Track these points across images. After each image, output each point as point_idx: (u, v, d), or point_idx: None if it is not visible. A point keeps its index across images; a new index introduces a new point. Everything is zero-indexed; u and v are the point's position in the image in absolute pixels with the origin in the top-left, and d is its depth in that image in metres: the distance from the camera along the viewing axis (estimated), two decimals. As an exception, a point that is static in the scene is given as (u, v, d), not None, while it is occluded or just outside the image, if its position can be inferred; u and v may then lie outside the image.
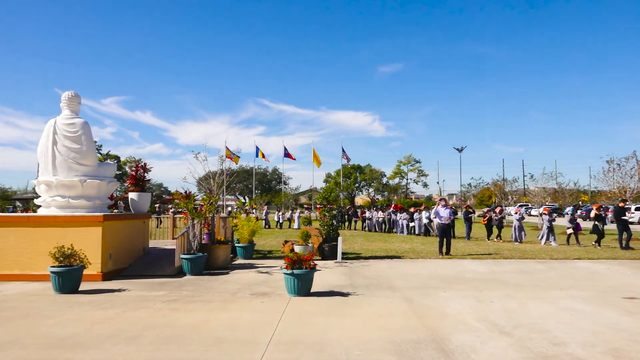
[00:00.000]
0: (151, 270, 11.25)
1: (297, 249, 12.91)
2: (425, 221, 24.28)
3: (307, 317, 6.83)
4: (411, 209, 26.93)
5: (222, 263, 12.19)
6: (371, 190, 78.54)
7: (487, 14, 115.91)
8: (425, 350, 5.22)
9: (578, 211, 24.10)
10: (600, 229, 17.00)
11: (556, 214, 25.36)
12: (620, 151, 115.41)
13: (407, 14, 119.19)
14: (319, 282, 9.45)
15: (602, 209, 17.72)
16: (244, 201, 68.72)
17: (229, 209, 36.87)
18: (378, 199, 73.38)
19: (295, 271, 8.26)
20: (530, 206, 43.15)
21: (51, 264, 8.92)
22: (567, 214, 19.20)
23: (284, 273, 8.42)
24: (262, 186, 79.04)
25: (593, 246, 16.92)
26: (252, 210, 36.62)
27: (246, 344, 5.49)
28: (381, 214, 28.64)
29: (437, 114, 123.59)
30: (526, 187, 44.23)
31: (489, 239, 20.38)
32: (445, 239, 14.52)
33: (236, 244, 14.47)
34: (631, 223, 21.29)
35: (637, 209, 34.92)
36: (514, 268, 11.85)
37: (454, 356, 5.05)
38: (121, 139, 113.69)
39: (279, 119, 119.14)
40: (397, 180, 77.01)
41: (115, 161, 57.66)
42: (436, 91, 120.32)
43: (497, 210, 21.05)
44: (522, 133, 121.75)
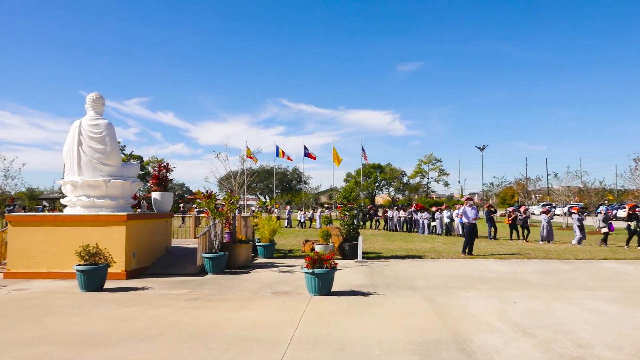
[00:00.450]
0: (173, 269, 11.40)
1: (318, 248, 12.94)
2: (446, 220, 24.08)
3: (328, 316, 6.84)
4: (432, 208, 26.74)
5: (243, 262, 12.28)
6: (391, 189, 78.25)
7: (509, 10, 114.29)
8: (447, 351, 5.17)
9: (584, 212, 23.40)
10: (632, 228, 16.60)
11: (586, 213, 24.79)
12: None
13: (426, 11, 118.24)
14: (339, 281, 9.44)
15: (637, 208, 17.26)
16: (264, 201, 69.08)
17: (252, 208, 37.16)
18: (398, 198, 73.07)
19: (316, 270, 8.27)
20: (554, 205, 42.39)
21: (77, 262, 9.10)
22: (600, 213, 18.72)
23: (305, 272, 8.44)
24: (283, 186, 79.37)
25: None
26: (275, 210, 36.86)
27: (267, 343, 5.52)
28: (402, 213, 28.49)
29: (458, 112, 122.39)
30: (550, 186, 43.53)
31: (512, 238, 20.09)
32: (471, 239, 14.41)
33: (257, 243, 14.56)
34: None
35: None
36: (538, 268, 11.67)
37: (477, 357, 4.99)
38: (144, 139, 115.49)
39: (298, 118, 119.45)
40: (417, 179, 76.71)
41: (138, 161, 58.57)
42: (457, 89, 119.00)
43: (522, 209, 20.72)
44: (546, 131, 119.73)
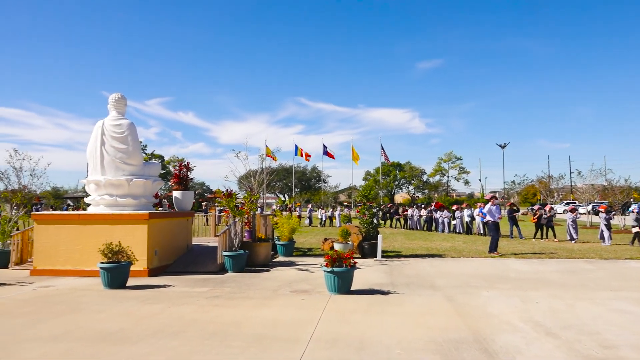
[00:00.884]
0: (194, 267, 11.52)
1: (337, 246, 12.93)
2: (467, 219, 23.85)
3: (348, 315, 6.83)
4: (453, 207, 26.51)
5: (263, 260, 12.34)
6: (411, 187, 77.74)
7: (530, 6, 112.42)
8: (468, 351, 5.12)
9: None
10: None
11: (614, 212, 24.24)
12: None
13: (445, 8, 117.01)
14: (359, 280, 9.42)
15: None
16: (283, 199, 69.31)
17: (273, 207, 37.41)
18: (418, 196, 72.58)
19: (336, 269, 8.27)
20: (577, 204, 41.64)
21: (100, 260, 9.26)
22: (633, 212, 18.25)
23: (324, 271, 8.44)
24: (302, 184, 79.47)
25: None
26: (296, 209, 37.01)
27: (287, 341, 5.54)
28: (423, 212, 28.31)
29: (479, 110, 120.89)
30: (573, 184, 42.77)
31: (535, 237, 19.76)
32: (497, 238, 14.25)
33: (276, 242, 14.62)
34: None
35: None
36: (561, 268, 11.47)
37: (498, 357, 4.93)
38: (165, 139, 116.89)
39: (317, 117, 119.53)
40: (437, 177, 76.04)
41: (160, 161, 59.35)
42: (477, 86, 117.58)
43: (547, 208, 20.34)
44: (569, 128, 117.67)
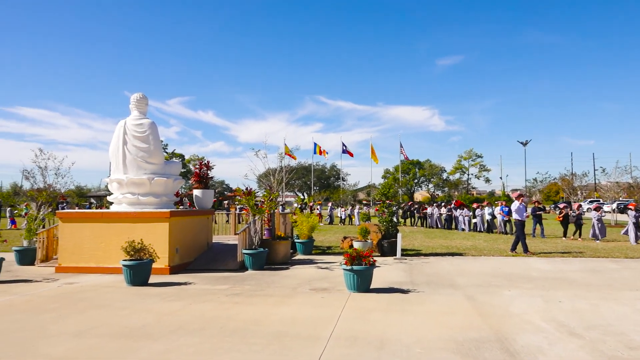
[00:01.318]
0: (215, 264, 11.62)
1: (356, 245, 12.91)
2: (487, 217, 23.57)
3: (367, 313, 6.82)
4: (473, 205, 26.23)
5: (282, 258, 12.39)
6: (431, 186, 77.17)
7: (551, 0, 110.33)
8: (489, 350, 5.07)
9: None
10: None
11: None
12: None
13: (465, 3, 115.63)
14: (378, 278, 9.39)
15: None
16: (302, 198, 69.43)
17: (295, 205, 37.77)
18: (438, 194, 72.00)
19: (355, 267, 8.26)
20: (602, 202, 40.80)
21: (123, 257, 9.41)
22: None
23: (344, 269, 8.44)
24: (321, 182, 79.55)
25: None
26: (317, 207, 37.21)
27: (307, 338, 5.56)
28: (443, 210, 28.09)
29: (500, 107, 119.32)
30: (597, 181, 41.93)
31: (566, 236, 19.31)
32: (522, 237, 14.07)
33: (296, 240, 14.67)
34: None
35: None
36: (585, 267, 11.27)
37: (520, 357, 4.87)
38: (185, 138, 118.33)
39: (336, 115, 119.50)
40: (457, 175, 75.30)
41: (180, 159, 59.96)
42: (498, 83, 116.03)
43: (576, 206, 19.86)
44: (592, 125, 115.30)
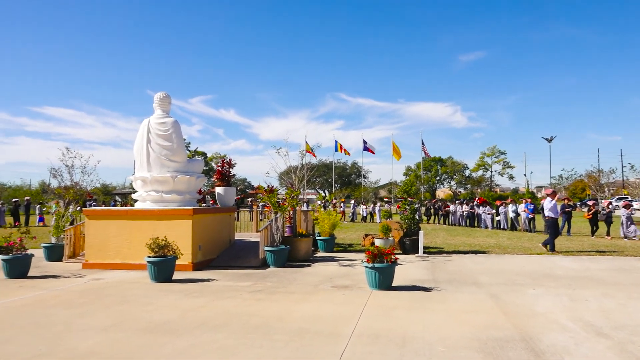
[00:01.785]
0: (237, 261, 11.72)
1: (378, 242, 12.87)
2: (511, 215, 23.24)
3: (389, 311, 6.79)
4: (497, 202, 25.88)
5: (304, 255, 12.43)
6: (453, 183, 76.40)
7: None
8: (513, 350, 5.00)
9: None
10: None
11: None
12: None
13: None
14: (400, 276, 9.34)
15: None
16: (324, 195, 69.52)
17: (318, 202, 37.90)
18: (460, 192, 71.25)
19: (376, 265, 8.23)
20: (631, 199, 39.83)
21: (147, 254, 9.55)
22: None
23: (365, 266, 8.42)
24: (342, 180, 79.50)
25: None
26: (341, 204, 37.26)
27: (329, 335, 5.56)
28: (465, 207, 27.80)
29: (524, 103, 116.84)
30: (625, 178, 40.93)
31: (594, 234, 18.80)
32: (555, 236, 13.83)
33: (317, 237, 14.69)
34: None
35: None
36: (612, 265, 11.01)
37: (545, 357, 4.78)
38: (207, 136, 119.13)
39: (357, 112, 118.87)
40: (480, 172, 74.35)
41: (203, 157, 60.68)
42: (522, 79, 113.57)
43: (606, 204, 19.37)
44: (620, 120, 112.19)
